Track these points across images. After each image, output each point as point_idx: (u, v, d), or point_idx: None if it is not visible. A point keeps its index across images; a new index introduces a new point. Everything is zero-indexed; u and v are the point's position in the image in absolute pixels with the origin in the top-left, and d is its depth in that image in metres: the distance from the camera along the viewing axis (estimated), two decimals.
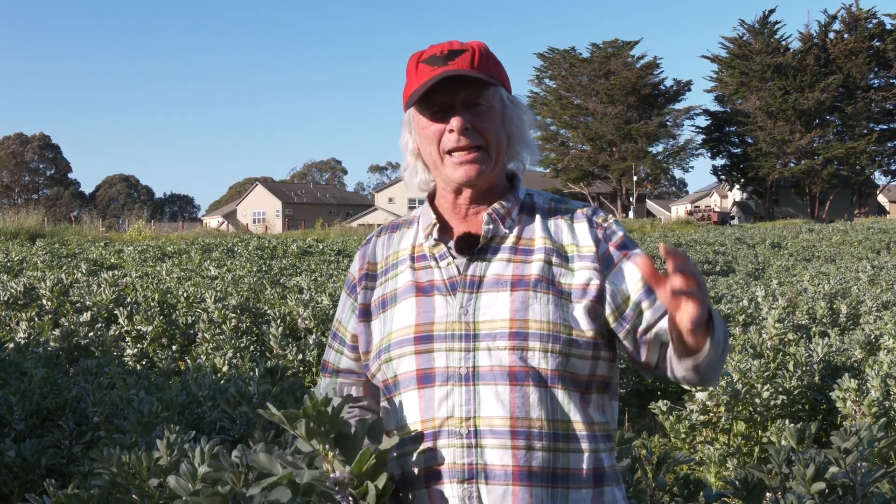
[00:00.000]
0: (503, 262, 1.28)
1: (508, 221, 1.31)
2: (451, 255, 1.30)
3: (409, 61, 1.32)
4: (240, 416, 2.99)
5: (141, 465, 1.68)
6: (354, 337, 1.38)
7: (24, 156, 73.42)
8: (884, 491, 2.11)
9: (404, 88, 1.33)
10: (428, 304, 1.28)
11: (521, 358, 1.22)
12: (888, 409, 4.17)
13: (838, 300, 8.27)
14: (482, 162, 1.27)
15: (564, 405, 1.23)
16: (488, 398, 1.21)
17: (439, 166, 1.30)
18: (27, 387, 3.08)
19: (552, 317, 1.23)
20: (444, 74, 1.25)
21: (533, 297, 1.24)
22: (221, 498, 1.23)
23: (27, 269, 12.14)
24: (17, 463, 2.71)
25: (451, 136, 1.27)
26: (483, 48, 1.30)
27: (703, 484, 2.21)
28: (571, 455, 1.23)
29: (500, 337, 1.23)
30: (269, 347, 5.67)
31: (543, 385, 1.22)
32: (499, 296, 1.25)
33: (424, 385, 1.25)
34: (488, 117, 1.28)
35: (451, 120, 1.26)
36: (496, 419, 1.21)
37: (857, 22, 48.36)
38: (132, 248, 16.48)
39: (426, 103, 1.28)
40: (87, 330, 5.73)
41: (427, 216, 1.35)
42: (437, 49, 1.29)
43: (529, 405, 1.21)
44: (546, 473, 1.21)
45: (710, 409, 4.27)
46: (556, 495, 1.21)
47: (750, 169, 49.05)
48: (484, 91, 1.28)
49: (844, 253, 19.64)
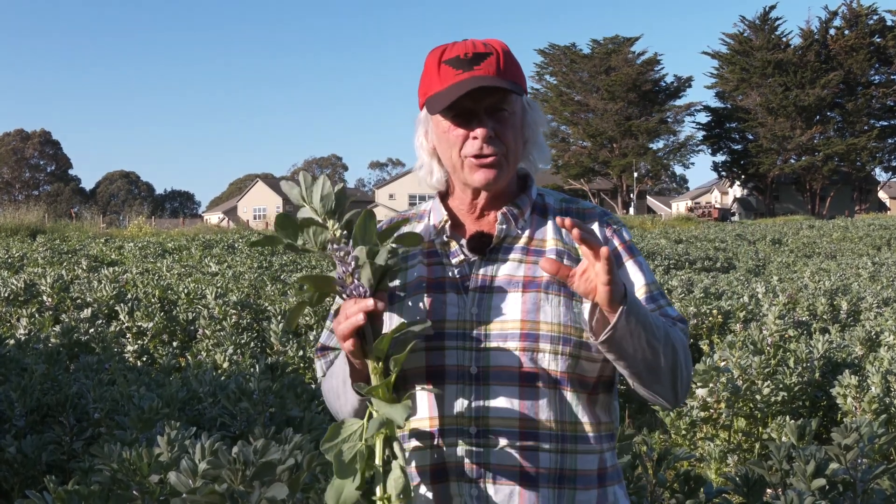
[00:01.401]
0: (515, 263, 1.28)
1: (521, 222, 1.31)
2: (464, 253, 1.30)
3: (428, 57, 1.30)
4: (240, 413, 2.99)
5: (141, 462, 1.68)
6: None
7: (25, 152, 73.40)
8: (884, 487, 2.11)
9: (422, 86, 1.31)
10: (439, 302, 1.27)
11: (531, 359, 1.22)
12: (888, 405, 4.17)
13: (839, 297, 8.28)
14: (500, 167, 1.27)
15: (573, 407, 1.23)
16: (498, 398, 1.21)
17: (458, 169, 1.29)
18: (28, 383, 3.08)
19: (563, 319, 1.23)
20: (473, 84, 1.23)
21: (544, 298, 1.24)
22: (219, 496, 1.23)
23: (28, 266, 12.14)
24: (17, 459, 2.71)
25: (474, 143, 1.26)
26: (506, 50, 1.29)
27: (704, 480, 2.21)
28: (578, 456, 1.23)
29: (510, 338, 1.23)
30: (269, 344, 5.68)
31: (553, 386, 1.22)
32: (510, 297, 1.25)
33: (434, 382, 1.24)
34: (510, 124, 1.27)
35: (475, 129, 1.26)
36: (505, 420, 1.21)
37: (858, 18, 48.27)
38: (133, 245, 16.49)
39: (448, 107, 1.26)
40: (88, 326, 5.74)
41: (438, 213, 1.35)
42: (461, 50, 1.27)
43: (539, 406, 1.21)
44: (553, 475, 1.21)
45: (710, 405, 4.27)
46: (563, 497, 1.21)
47: (750, 165, 49.00)
48: (508, 97, 1.27)
49: (845, 249, 19.65)
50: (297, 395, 3.30)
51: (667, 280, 10.43)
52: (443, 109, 1.27)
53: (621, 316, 1.11)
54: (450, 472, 1.21)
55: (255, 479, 1.26)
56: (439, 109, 1.26)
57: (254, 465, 1.26)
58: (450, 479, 1.21)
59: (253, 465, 1.26)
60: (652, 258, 15.53)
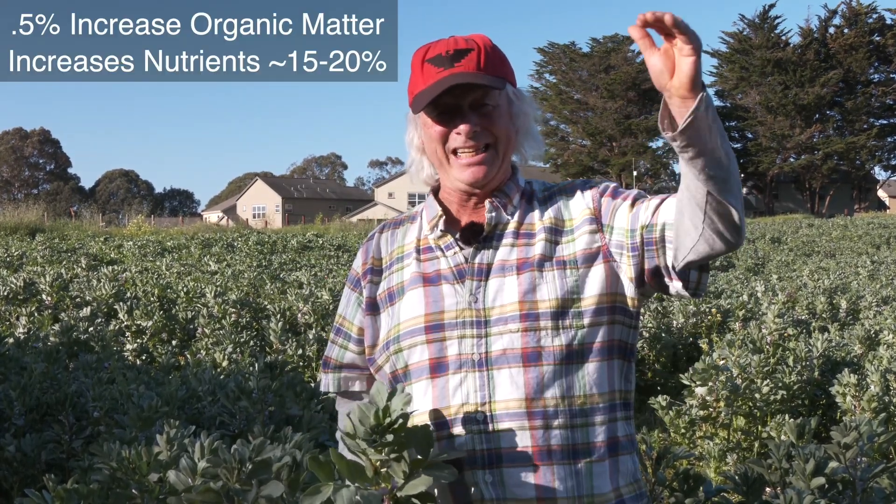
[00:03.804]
0: (507, 248, 1.29)
1: (510, 208, 1.32)
2: (458, 245, 1.31)
3: (413, 57, 1.32)
4: (239, 411, 2.99)
5: (141, 460, 1.67)
6: (360, 330, 1.38)
7: (24, 151, 73.32)
8: (884, 486, 2.11)
9: (409, 85, 1.32)
10: (436, 294, 1.28)
11: (534, 339, 1.22)
12: (888, 404, 4.17)
13: (838, 295, 8.29)
14: (490, 162, 1.28)
15: (580, 380, 1.23)
16: (502, 382, 1.22)
17: (445, 166, 1.31)
18: (27, 382, 3.08)
19: (560, 293, 1.24)
20: (451, 81, 1.24)
21: (539, 276, 1.25)
22: (215, 494, 1.23)
23: (27, 264, 12.14)
24: (17, 458, 2.71)
25: (458, 138, 1.27)
26: (488, 45, 1.29)
27: (703, 479, 2.21)
28: (590, 429, 1.23)
29: (511, 320, 1.23)
30: (268, 342, 5.68)
31: (558, 363, 1.22)
32: (506, 280, 1.26)
33: (437, 374, 1.25)
34: (496, 116, 1.28)
35: (458, 125, 1.27)
36: (511, 402, 1.21)
37: (858, 17, 48.28)
38: (132, 243, 16.49)
39: (432, 105, 1.28)
40: (87, 325, 5.73)
41: (432, 208, 1.36)
42: (443, 48, 1.28)
43: (544, 385, 1.21)
44: (566, 450, 1.21)
45: (709, 404, 4.28)
46: (579, 472, 1.21)
47: (750, 164, 49.04)
48: (491, 92, 1.28)
49: (844, 248, 19.67)
50: (297, 394, 3.29)
51: None
52: (427, 107, 1.28)
53: (701, 102, 1.04)
54: (462, 461, 1.21)
55: (251, 477, 1.25)
56: (422, 107, 1.27)
57: (251, 463, 1.25)
58: (463, 468, 1.21)
59: (250, 463, 1.25)
60: None
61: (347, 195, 67.34)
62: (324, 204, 56.90)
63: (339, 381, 1.42)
